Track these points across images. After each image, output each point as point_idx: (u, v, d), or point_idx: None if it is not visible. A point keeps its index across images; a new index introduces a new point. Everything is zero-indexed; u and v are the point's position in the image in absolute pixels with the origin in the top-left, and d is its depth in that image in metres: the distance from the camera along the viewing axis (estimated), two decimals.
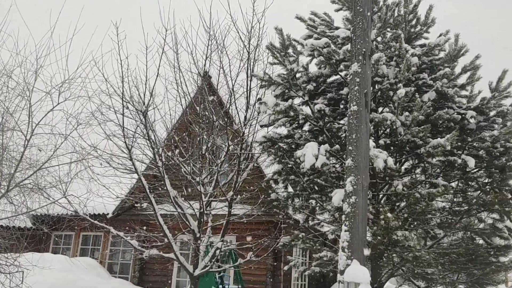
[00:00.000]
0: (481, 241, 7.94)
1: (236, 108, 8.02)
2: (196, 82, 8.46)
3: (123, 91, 7.27)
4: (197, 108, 8.05)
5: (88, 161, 6.67)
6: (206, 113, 8.03)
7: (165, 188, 7.60)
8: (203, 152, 7.90)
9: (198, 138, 8.08)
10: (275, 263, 11.19)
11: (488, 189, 7.48)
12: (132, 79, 7.52)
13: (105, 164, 7.46)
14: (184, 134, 8.78)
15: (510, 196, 7.47)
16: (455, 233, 8.03)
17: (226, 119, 7.97)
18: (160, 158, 7.62)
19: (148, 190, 7.54)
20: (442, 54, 7.91)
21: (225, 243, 8.07)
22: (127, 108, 7.41)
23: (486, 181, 7.66)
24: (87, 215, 7.66)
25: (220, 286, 8.91)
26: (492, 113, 7.53)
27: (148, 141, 7.57)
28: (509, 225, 7.77)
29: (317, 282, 13.93)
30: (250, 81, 7.87)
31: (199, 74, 8.27)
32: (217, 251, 7.51)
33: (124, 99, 7.30)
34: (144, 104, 7.47)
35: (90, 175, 7.01)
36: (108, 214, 12.70)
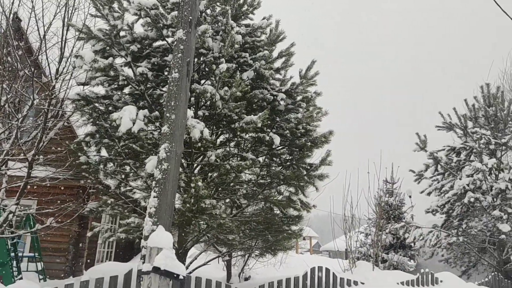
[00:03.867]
0: (278, 212, 8.87)
1: (47, 58, 7.18)
2: (0, 23, 7.28)
3: None
4: None
5: None
6: (10, 59, 7.00)
7: None
8: (2, 104, 6.89)
9: None
10: (80, 230, 10.58)
11: (288, 165, 8.35)
12: None
13: None
14: None
15: (305, 172, 8.49)
16: (258, 204, 8.79)
17: (33, 69, 7.07)
18: None
19: None
20: (263, 37, 8.42)
21: (21, 207, 7.26)
22: None
23: (288, 158, 8.53)
24: None
25: (13, 253, 8.03)
26: (299, 98, 8.36)
27: None
28: (302, 198, 8.83)
29: (125, 249, 13.71)
30: (67, 30, 7.13)
31: (4, 14, 7.12)
32: (10, 216, 6.70)
33: None
34: None
35: None
36: None
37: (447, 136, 15.41)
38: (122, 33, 7.79)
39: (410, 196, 16.56)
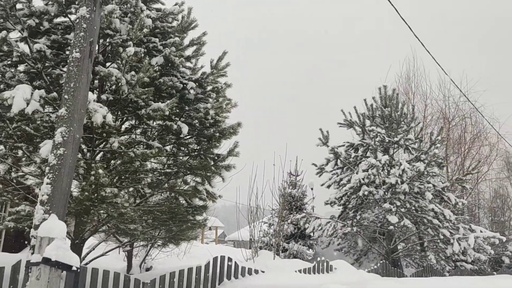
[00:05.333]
0: (183, 201, 8.79)
1: None
2: None
3: None
4: None
5: None
6: None
7: None
8: None
9: None
10: None
11: (196, 155, 8.30)
12: None
13: None
14: None
15: (212, 163, 8.50)
16: (163, 193, 8.63)
17: None
18: None
19: None
20: (175, 23, 8.23)
21: None
22: None
23: (196, 148, 8.48)
24: None
25: None
26: (209, 88, 8.33)
27: None
28: (208, 188, 8.84)
29: (15, 240, 12.67)
30: None
31: None
32: None
33: None
34: None
35: None
36: None
37: (348, 132, 16.44)
38: (19, 6, 7.15)
39: (312, 188, 17.41)
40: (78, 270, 4.38)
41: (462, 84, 24.58)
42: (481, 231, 14.33)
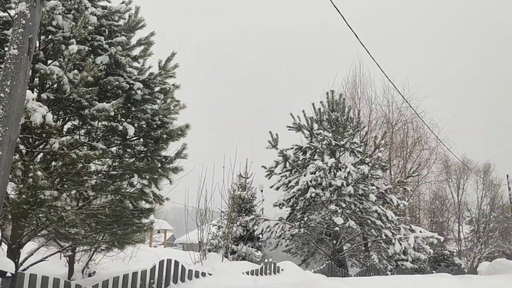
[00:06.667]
0: (129, 204, 8.59)
1: None
2: None
3: None
4: None
5: None
6: None
7: None
8: None
9: None
10: None
11: (142, 157, 8.15)
12: None
13: None
14: None
15: (160, 165, 8.38)
16: (107, 196, 8.40)
17: None
18: None
19: None
20: (121, 22, 8.06)
21: None
22: None
23: (142, 149, 8.32)
24: None
25: None
26: (156, 89, 8.21)
27: None
28: (155, 190, 8.71)
29: None
30: None
31: None
32: None
33: None
34: None
35: None
36: None
37: (297, 135, 16.71)
38: None
39: (261, 191, 17.54)
40: (14, 277, 4.18)
41: (405, 91, 25.66)
42: (420, 231, 15.03)
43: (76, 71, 6.77)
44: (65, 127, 7.81)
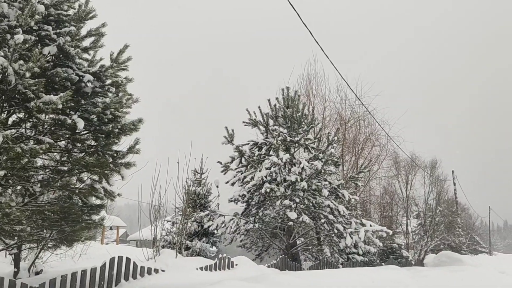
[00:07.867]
0: (78, 200, 8.33)
1: None
2: None
3: None
4: None
5: None
6: None
7: None
8: None
9: None
10: None
11: (92, 152, 7.91)
12: None
13: None
14: None
15: (111, 160, 8.17)
16: (55, 192, 8.10)
17: None
18: None
19: None
20: (71, 12, 7.77)
21: None
22: None
23: (93, 144, 8.08)
24: None
25: None
26: (108, 82, 7.98)
27: None
28: (106, 186, 8.48)
29: None
30: None
31: None
32: None
33: None
34: None
35: None
36: None
37: (253, 131, 16.79)
38: None
39: (217, 186, 17.51)
40: None
41: (358, 89, 26.35)
42: (370, 225, 15.54)
43: (22, 62, 6.46)
44: (10, 120, 7.45)
